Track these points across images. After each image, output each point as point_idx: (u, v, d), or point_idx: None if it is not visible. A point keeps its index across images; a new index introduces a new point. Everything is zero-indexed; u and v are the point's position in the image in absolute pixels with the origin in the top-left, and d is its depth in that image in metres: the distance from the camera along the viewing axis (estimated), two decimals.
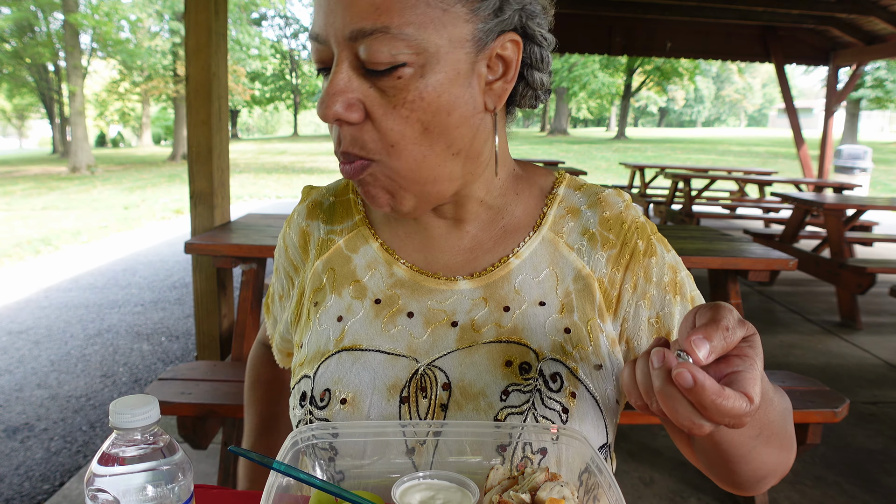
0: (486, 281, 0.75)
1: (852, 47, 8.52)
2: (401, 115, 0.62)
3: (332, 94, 0.62)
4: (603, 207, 0.77)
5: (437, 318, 0.74)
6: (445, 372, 0.71)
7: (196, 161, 2.87)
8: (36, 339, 4.18)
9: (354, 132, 0.64)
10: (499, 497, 0.58)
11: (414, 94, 0.61)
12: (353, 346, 0.74)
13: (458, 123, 0.65)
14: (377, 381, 0.71)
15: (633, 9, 7.58)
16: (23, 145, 48.69)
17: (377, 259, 0.78)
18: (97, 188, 14.01)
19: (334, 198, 0.85)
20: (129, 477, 0.53)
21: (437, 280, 0.76)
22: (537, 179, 0.81)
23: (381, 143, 0.64)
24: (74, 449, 2.78)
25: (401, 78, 0.61)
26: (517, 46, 0.67)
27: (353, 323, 0.75)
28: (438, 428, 0.67)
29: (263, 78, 37.86)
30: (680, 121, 62.16)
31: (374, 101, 0.62)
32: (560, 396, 0.69)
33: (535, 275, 0.75)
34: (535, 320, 0.73)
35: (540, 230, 0.77)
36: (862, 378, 3.59)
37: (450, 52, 0.62)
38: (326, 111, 0.62)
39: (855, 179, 10.18)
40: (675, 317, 0.76)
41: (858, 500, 2.41)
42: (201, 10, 2.77)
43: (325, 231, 0.82)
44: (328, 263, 0.80)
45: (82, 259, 6.78)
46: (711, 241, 2.68)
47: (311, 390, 0.73)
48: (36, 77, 25.29)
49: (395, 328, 0.74)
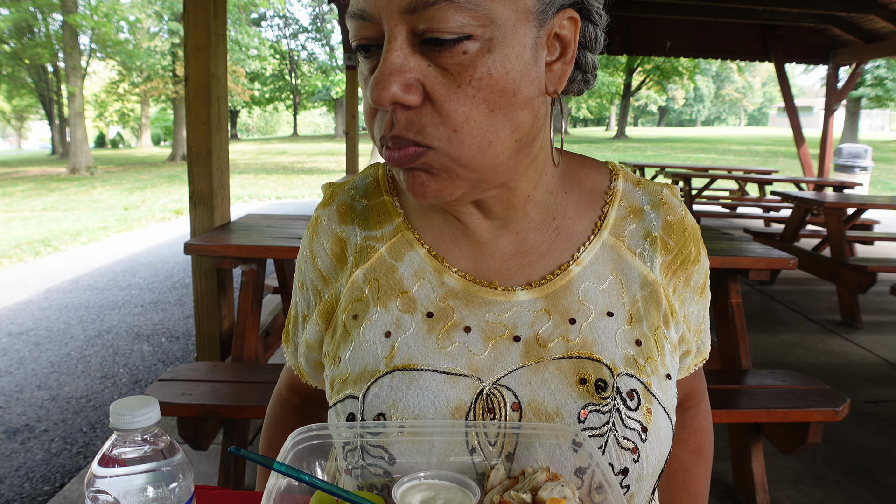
0: (547, 291, 0.69)
1: (852, 46, 8.52)
2: (466, 95, 0.56)
3: (387, 73, 0.55)
4: (667, 210, 0.73)
5: (498, 333, 0.68)
6: (513, 391, 0.65)
7: (195, 162, 2.87)
8: (36, 340, 4.18)
9: (411, 116, 0.57)
10: (500, 497, 0.58)
11: (481, 70, 0.55)
12: (406, 366, 0.66)
13: (522, 105, 0.59)
14: (438, 405, 0.65)
15: (633, 8, 7.58)
16: (22, 146, 48.68)
17: (425, 267, 0.71)
18: (97, 189, 14.01)
19: (367, 200, 0.76)
20: (129, 478, 0.53)
21: (493, 290, 0.69)
22: (589, 174, 0.75)
23: (442, 127, 0.57)
24: (75, 450, 2.78)
25: (466, 53, 0.55)
26: (575, 24, 0.62)
27: (404, 339, 0.68)
28: (510, 450, 0.63)
29: (263, 78, 37.86)
30: (680, 120, 62.15)
31: (435, 81, 0.56)
32: (638, 415, 0.65)
33: (599, 283, 0.70)
34: (604, 332, 0.68)
35: (600, 234, 0.71)
36: (863, 377, 3.59)
37: (517, 25, 0.56)
38: (382, 93, 0.55)
39: (855, 178, 10.18)
40: (696, 315, 0.77)
41: (860, 499, 2.40)
42: (200, 11, 2.77)
43: (364, 237, 0.73)
44: (371, 273, 0.72)
45: (82, 260, 6.78)
46: (712, 240, 2.68)
47: (362, 413, 0.66)
48: (35, 78, 25.31)
49: (451, 345, 0.67)
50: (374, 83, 0.56)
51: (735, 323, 2.44)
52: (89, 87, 29.65)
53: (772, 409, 2.02)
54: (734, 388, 2.21)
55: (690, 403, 0.88)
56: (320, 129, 59.02)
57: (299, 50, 42.84)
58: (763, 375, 2.31)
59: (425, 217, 0.73)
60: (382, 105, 0.56)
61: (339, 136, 35.87)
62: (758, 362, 3.73)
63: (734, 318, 2.45)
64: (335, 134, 39.00)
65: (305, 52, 44.41)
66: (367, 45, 0.59)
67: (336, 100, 39.04)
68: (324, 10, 40.90)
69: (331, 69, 39.63)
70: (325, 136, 41.18)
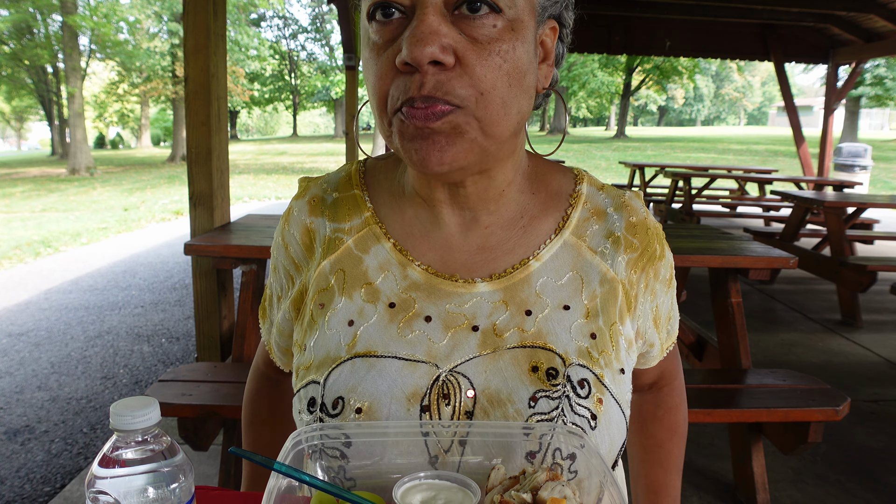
0: (506, 283, 0.73)
1: (852, 45, 8.52)
2: (494, 64, 0.60)
3: (428, 32, 0.58)
4: (629, 212, 0.77)
5: (457, 322, 0.71)
6: (469, 378, 0.69)
7: (195, 162, 2.87)
8: (36, 341, 4.18)
9: (443, 77, 0.60)
10: (500, 497, 0.58)
11: (507, 45, 0.61)
12: (367, 353, 0.70)
13: (527, 90, 0.65)
14: (395, 390, 0.68)
15: (633, 7, 7.58)
16: (22, 147, 48.67)
17: (390, 260, 0.74)
18: (96, 190, 14.01)
19: (337, 193, 0.80)
20: (129, 479, 0.53)
21: (454, 283, 0.73)
22: (555, 177, 0.79)
23: (471, 89, 0.60)
24: (75, 451, 2.78)
25: (495, 26, 0.60)
26: (555, 35, 0.70)
27: (367, 328, 0.72)
28: (464, 436, 0.66)
29: (262, 79, 37.86)
30: (679, 119, 62.14)
31: (467, 48, 0.60)
32: (588, 403, 0.69)
33: (557, 278, 0.73)
34: (559, 324, 0.71)
35: (562, 233, 0.75)
36: (863, 376, 3.59)
37: (527, 18, 0.63)
38: (424, 49, 0.58)
39: (855, 177, 10.18)
40: (666, 303, 0.83)
41: (860, 498, 2.40)
42: (200, 12, 2.77)
43: (332, 229, 0.77)
44: (337, 264, 0.76)
45: (82, 261, 6.78)
46: (712, 239, 2.68)
47: (322, 397, 0.70)
48: (35, 79, 25.31)
49: (412, 333, 0.71)
50: (415, 40, 0.58)
51: (735, 322, 2.44)
52: (89, 87, 29.65)
53: (772, 409, 2.02)
54: (734, 387, 2.21)
55: (665, 382, 0.93)
56: (320, 130, 59.03)
57: (299, 50, 42.84)
58: (763, 375, 2.31)
59: (395, 212, 0.77)
60: (421, 62, 0.58)
61: (339, 136, 35.89)
62: (758, 362, 3.73)
63: (734, 317, 2.45)
64: (335, 134, 38.99)
65: (305, 52, 44.42)
66: (391, 8, 0.61)
67: (336, 100, 39.06)
68: (323, 11, 40.90)
69: (330, 69, 39.63)
70: (324, 136, 41.16)
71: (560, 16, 0.70)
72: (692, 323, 2.96)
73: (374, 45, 0.63)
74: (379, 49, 0.63)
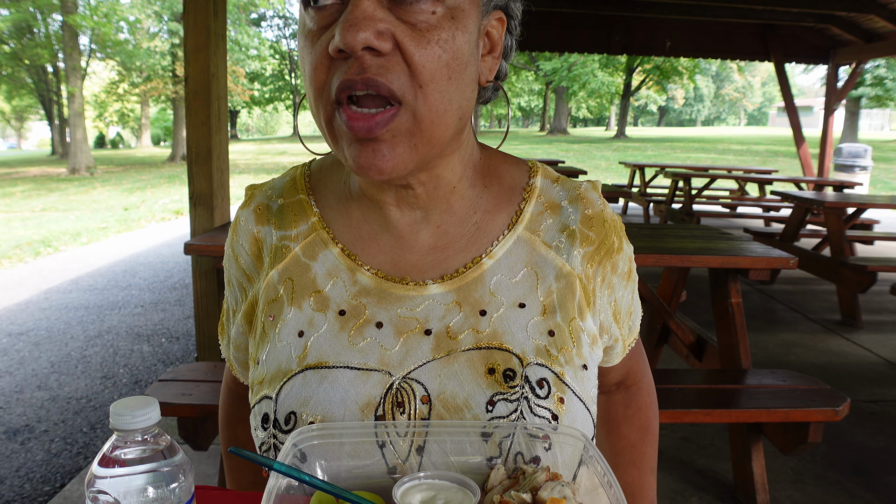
0: (458, 284, 0.70)
1: (852, 45, 8.52)
2: (434, 54, 0.58)
3: (361, 17, 0.55)
4: (585, 204, 0.75)
5: (409, 327, 0.69)
6: (423, 384, 0.66)
7: (195, 162, 2.87)
8: (36, 340, 4.18)
9: (382, 62, 0.57)
10: (500, 497, 0.58)
11: (447, 33, 0.58)
12: (318, 364, 0.68)
13: (469, 82, 0.62)
14: (348, 401, 0.66)
15: (633, 8, 7.57)
16: (22, 147, 48.69)
17: (338, 266, 0.72)
18: (97, 189, 14.01)
19: (283, 199, 0.77)
20: (129, 478, 0.53)
21: (404, 286, 0.70)
22: (508, 170, 0.77)
23: (410, 80, 0.57)
24: (75, 451, 2.78)
25: (434, 13, 0.58)
26: (502, 26, 0.67)
27: (317, 338, 0.69)
28: (421, 442, 0.64)
29: (262, 78, 37.85)
30: (680, 120, 62.14)
31: (405, 33, 0.57)
32: (549, 403, 0.67)
33: (511, 275, 0.71)
34: (515, 323, 0.69)
35: (515, 229, 0.73)
36: (863, 377, 3.59)
37: (469, 7, 0.61)
38: (358, 35, 0.55)
39: (855, 178, 10.18)
40: (626, 298, 0.81)
41: (860, 498, 2.40)
42: (200, 11, 2.77)
43: (279, 237, 0.74)
44: (285, 273, 0.72)
45: (82, 260, 6.78)
46: (712, 239, 2.68)
47: (274, 413, 0.67)
48: (35, 78, 25.31)
49: (363, 341, 0.68)
50: (348, 25, 0.55)
51: (735, 323, 2.44)
52: (89, 87, 29.66)
53: (772, 409, 2.02)
54: (734, 387, 2.21)
55: (632, 381, 0.91)
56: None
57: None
58: (763, 375, 2.31)
59: (342, 215, 0.74)
60: (355, 48, 0.55)
61: None
62: (758, 362, 3.73)
63: (734, 317, 2.45)
64: None
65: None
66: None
67: None
68: None
69: None
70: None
71: (507, 6, 0.68)
72: (692, 323, 2.96)
73: (309, 33, 0.60)
74: (313, 36, 0.60)
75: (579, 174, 6.58)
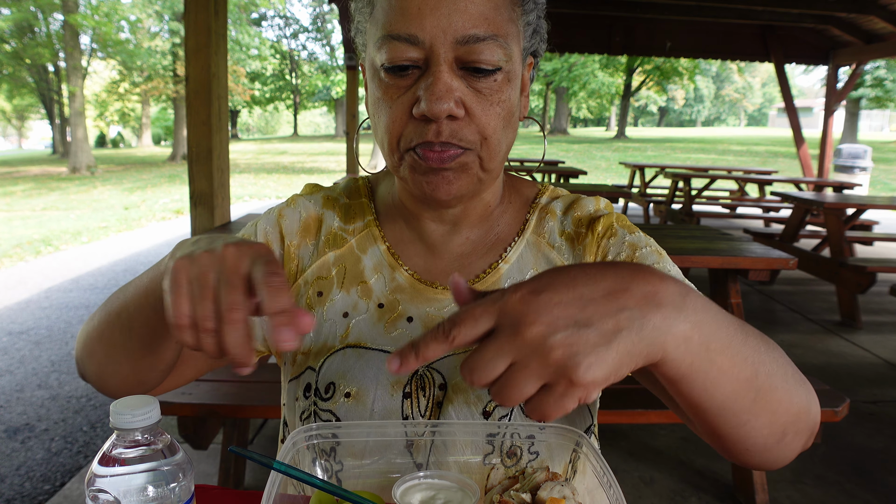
0: (479, 288, 0.79)
1: (852, 46, 8.52)
2: (495, 112, 0.70)
3: (444, 91, 0.67)
4: (575, 209, 0.85)
5: (435, 324, 0.74)
6: (442, 374, 0.77)
7: (196, 161, 2.87)
8: (37, 339, 4.19)
9: (455, 126, 0.69)
10: (499, 497, 0.58)
11: (505, 94, 0.70)
12: (357, 344, 0.78)
13: (515, 125, 0.75)
14: (381, 377, 0.76)
15: (633, 8, 7.58)
16: (23, 146, 48.70)
17: (382, 262, 0.83)
18: (97, 189, 14.02)
19: (348, 199, 0.88)
20: (129, 477, 0.53)
21: (434, 289, 0.80)
22: (523, 190, 0.89)
23: (477, 135, 0.70)
24: (75, 449, 2.78)
25: (496, 81, 0.69)
26: (530, 68, 0.79)
27: (358, 321, 0.80)
28: (434, 428, 0.72)
29: (263, 78, 37.86)
30: (680, 120, 62.13)
31: (473, 100, 0.69)
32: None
33: (521, 277, 0.80)
34: None
35: (524, 235, 0.84)
36: (862, 377, 3.59)
37: (518, 62, 0.73)
38: (443, 106, 0.66)
39: (855, 178, 10.18)
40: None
41: (859, 499, 2.41)
42: (201, 11, 2.77)
43: (339, 227, 0.85)
44: (340, 259, 0.83)
45: (83, 259, 6.78)
46: (711, 240, 2.68)
47: (316, 382, 0.77)
48: (36, 78, 25.31)
49: (396, 331, 0.79)
50: (435, 98, 0.66)
51: None
52: (90, 86, 29.65)
53: None
54: None
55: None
56: (321, 129, 59.02)
57: (300, 50, 42.84)
58: None
59: (390, 220, 0.86)
60: (439, 117, 0.67)
61: (340, 135, 35.89)
62: None
63: None
64: (335, 134, 39.01)
65: (306, 51, 44.44)
66: (407, 66, 0.68)
67: (336, 100, 39.03)
68: (324, 10, 40.89)
69: (331, 69, 39.62)
70: (325, 136, 41.16)
71: (536, 51, 0.79)
72: None
73: (388, 89, 0.70)
74: (393, 94, 0.70)
75: (579, 174, 6.59)
